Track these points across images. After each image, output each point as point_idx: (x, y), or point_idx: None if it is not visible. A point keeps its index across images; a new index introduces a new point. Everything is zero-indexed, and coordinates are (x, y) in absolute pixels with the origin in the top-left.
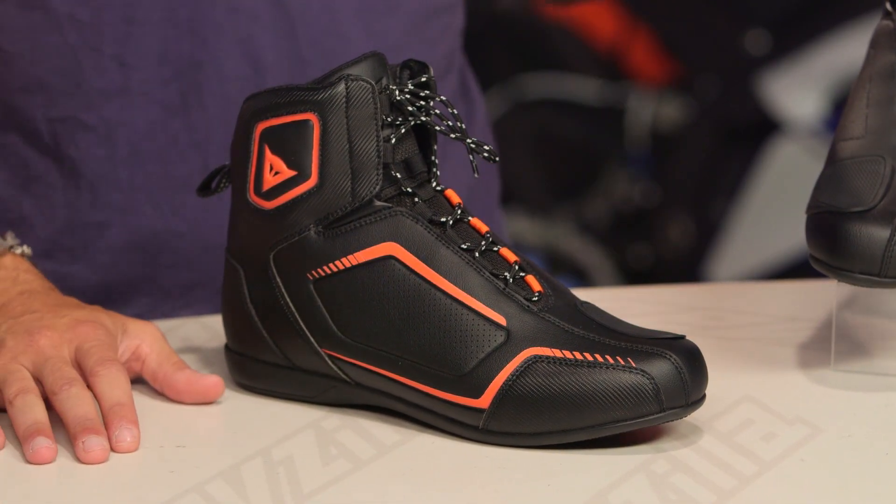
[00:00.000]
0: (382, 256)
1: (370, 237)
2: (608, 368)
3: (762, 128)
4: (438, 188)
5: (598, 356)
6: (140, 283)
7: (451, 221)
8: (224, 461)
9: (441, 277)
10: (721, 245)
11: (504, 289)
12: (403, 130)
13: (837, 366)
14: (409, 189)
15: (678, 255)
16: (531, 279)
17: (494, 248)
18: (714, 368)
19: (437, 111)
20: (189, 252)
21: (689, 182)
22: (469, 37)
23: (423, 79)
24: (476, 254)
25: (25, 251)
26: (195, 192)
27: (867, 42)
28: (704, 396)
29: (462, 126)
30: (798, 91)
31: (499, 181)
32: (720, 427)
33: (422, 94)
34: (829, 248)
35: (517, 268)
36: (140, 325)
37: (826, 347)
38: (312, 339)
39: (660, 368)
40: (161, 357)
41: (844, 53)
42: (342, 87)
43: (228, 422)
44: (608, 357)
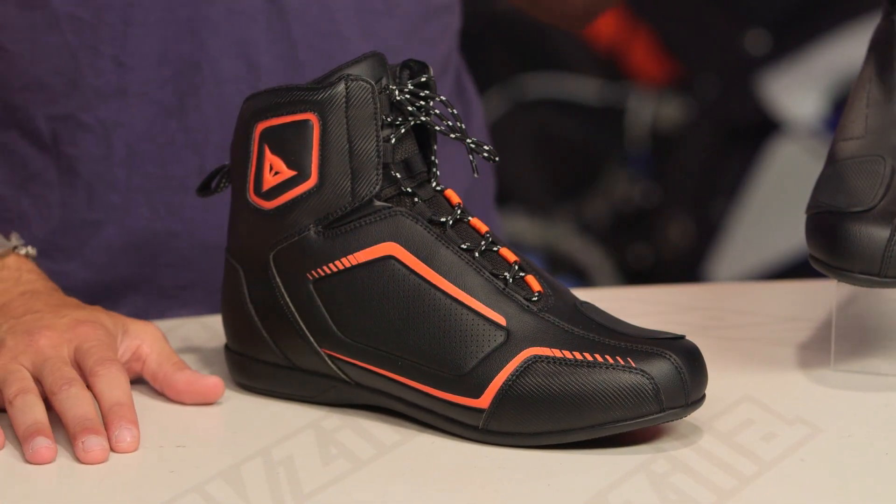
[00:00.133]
0: (382, 256)
1: (370, 237)
2: (608, 368)
3: (762, 128)
4: (438, 188)
5: (598, 356)
6: (136, 283)
7: (451, 221)
8: (224, 461)
9: (441, 277)
10: (721, 245)
11: (504, 289)
12: (403, 130)
13: (837, 366)
14: (409, 189)
15: (678, 255)
16: (531, 279)
17: (494, 248)
18: (714, 368)
19: (437, 111)
20: (185, 252)
21: (689, 182)
22: (469, 37)
23: (423, 79)
24: (476, 254)
25: (30, 251)
26: (195, 192)
27: (867, 42)
28: (704, 396)
29: (462, 126)
30: (798, 91)
31: (494, 181)
32: (720, 427)
33: (422, 94)
34: (829, 248)
35: (517, 268)
36: (140, 326)
37: (826, 347)
38: (312, 339)
39: (660, 368)
40: (161, 357)
41: (844, 53)
42: (342, 87)
43: (228, 422)
44: (608, 357)
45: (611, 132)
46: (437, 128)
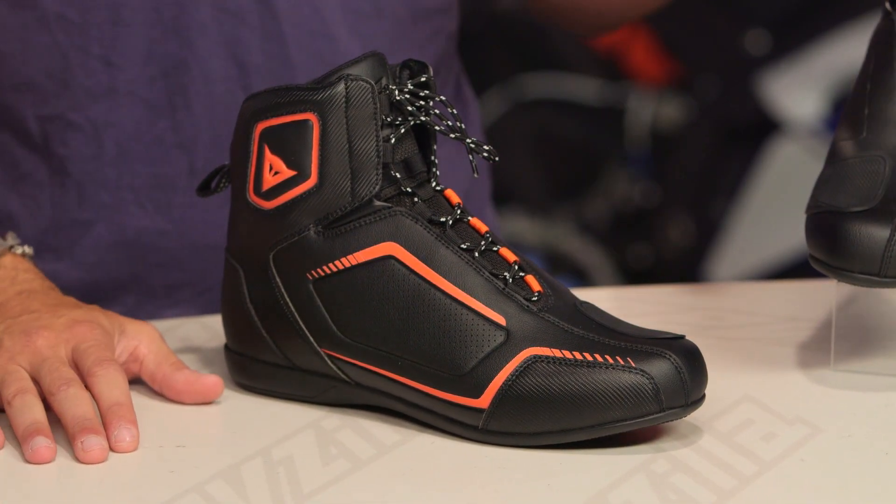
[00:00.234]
0: (382, 256)
1: (370, 237)
2: (608, 368)
3: (762, 128)
4: (438, 188)
5: (598, 356)
6: (126, 282)
7: (451, 221)
8: (224, 461)
9: (441, 277)
10: (721, 245)
11: (504, 289)
12: (403, 130)
13: (837, 366)
14: (409, 189)
15: (678, 255)
16: (531, 279)
17: (494, 248)
18: (714, 368)
19: (437, 111)
20: (175, 252)
21: (689, 182)
22: (468, 37)
23: (423, 79)
24: (476, 254)
25: (27, 251)
26: (195, 192)
27: (867, 42)
28: (704, 396)
29: (461, 126)
30: (798, 91)
31: (490, 182)
32: (720, 427)
33: (421, 94)
34: (829, 248)
35: (517, 268)
36: (138, 326)
37: (826, 347)
38: (312, 339)
39: (659, 368)
40: (159, 358)
41: (844, 53)
42: (342, 87)
43: (228, 422)
44: (608, 357)
45: (611, 132)
46: (437, 128)
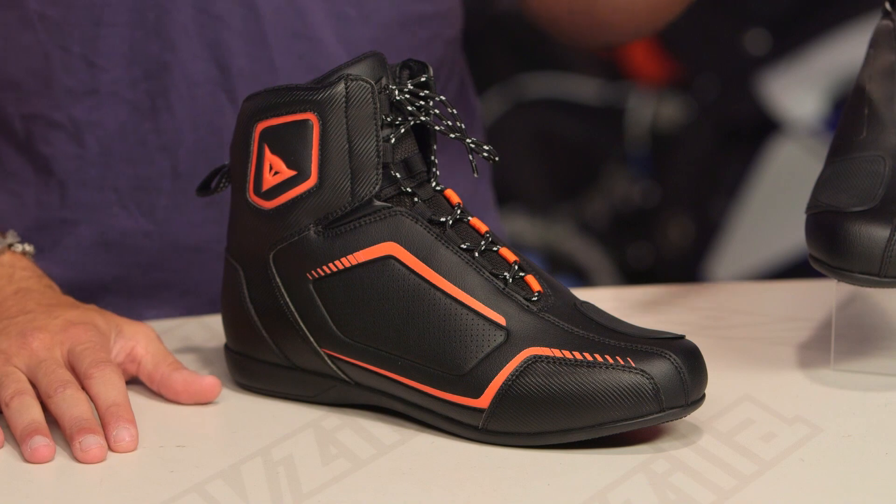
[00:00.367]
0: (382, 256)
1: (370, 237)
2: (608, 368)
3: (762, 128)
4: (438, 188)
5: (598, 356)
6: (109, 283)
7: (451, 221)
8: (224, 461)
9: (441, 277)
10: (721, 245)
11: (504, 289)
12: (403, 130)
13: (837, 366)
14: (409, 189)
15: (678, 255)
16: (531, 279)
17: (494, 248)
18: (714, 368)
19: (437, 111)
20: (158, 253)
21: (689, 182)
22: (469, 37)
23: (423, 79)
24: (476, 253)
25: (27, 249)
26: (195, 192)
27: (867, 42)
28: (704, 396)
29: (461, 126)
30: (798, 91)
31: (491, 187)
32: (720, 427)
33: (421, 94)
34: (829, 248)
35: (517, 268)
36: (135, 326)
37: (826, 347)
38: (312, 339)
39: (659, 368)
40: (157, 358)
41: (844, 53)
42: (342, 87)
43: (228, 422)
44: (608, 357)
45: (611, 132)
46: (437, 128)
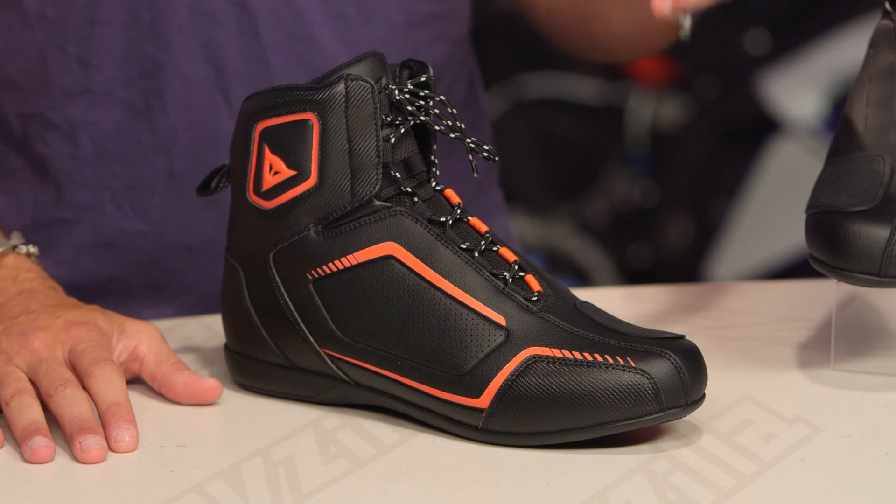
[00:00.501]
0: (382, 256)
1: (370, 237)
2: (608, 368)
3: (762, 128)
4: (438, 188)
5: (598, 356)
6: (105, 282)
7: (451, 221)
8: (224, 461)
9: (440, 277)
10: (721, 245)
11: (503, 288)
12: (403, 130)
13: (837, 366)
14: (409, 189)
15: (678, 255)
16: (531, 279)
17: (494, 248)
18: (714, 368)
19: (437, 111)
20: (154, 252)
21: (689, 182)
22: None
23: (423, 78)
24: (475, 253)
25: (31, 250)
26: (195, 192)
27: (867, 42)
28: (704, 396)
29: (462, 126)
30: (798, 91)
31: (499, 189)
32: (720, 427)
33: (421, 94)
34: (829, 248)
35: (516, 267)
36: (138, 326)
37: (826, 347)
38: (312, 339)
39: (659, 368)
40: (160, 357)
41: (844, 53)
42: (342, 87)
43: (228, 422)
44: (608, 357)
45: (611, 132)
46: (437, 127)
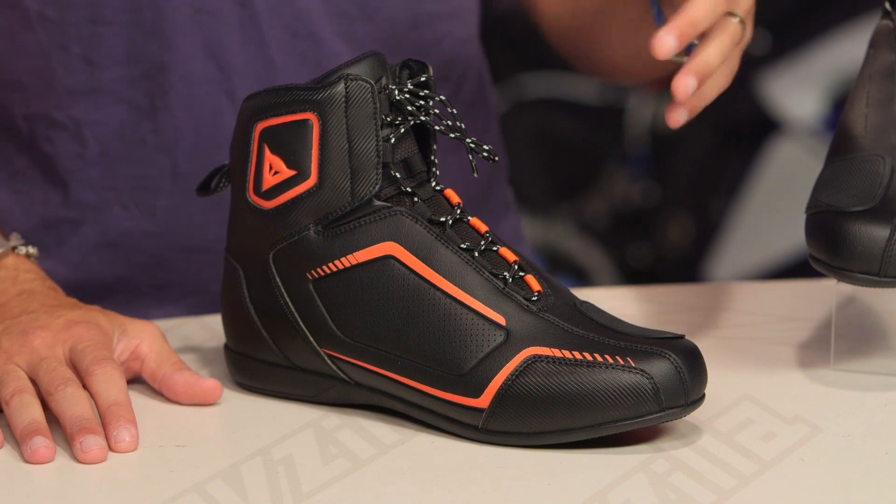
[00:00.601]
0: (382, 256)
1: (369, 237)
2: (607, 368)
3: (762, 128)
4: (438, 188)
5: (598, 356)
6: (112, 283)
7: (451, 221)
8: (224, 461)
9: (440, 277)
10: (721, 245)
11: (503, 288)
12: (403, 130)
13: (837, 365)
14: (409, 189)
15: (678, 255)
16: (530, 279)
17: (494, 248)
18: (714, 368)
19: (437, 111)
20: (160, 253)
21: (689, 182)
22: None
23: (423, 78)
24: (475, 253)
25: (31, 251)
26: (195, 192)
27: (867, 42)
28: (704, 396)
29: (461, 126)
30: (798, 91)
31: (509, 186)
32: (720, 427)
33: (421, 94)
34: (829, 248)
35: (516, 267)
36: (139, 325)
37: (826, 347)
38: (312, 339)
39: (659, 368)
40: (161, 357)
41: (844, 53)
42: (341, 87)
43: (228, 421)
44: (607, 357)
45: (611, 132)
46: (437, 127)
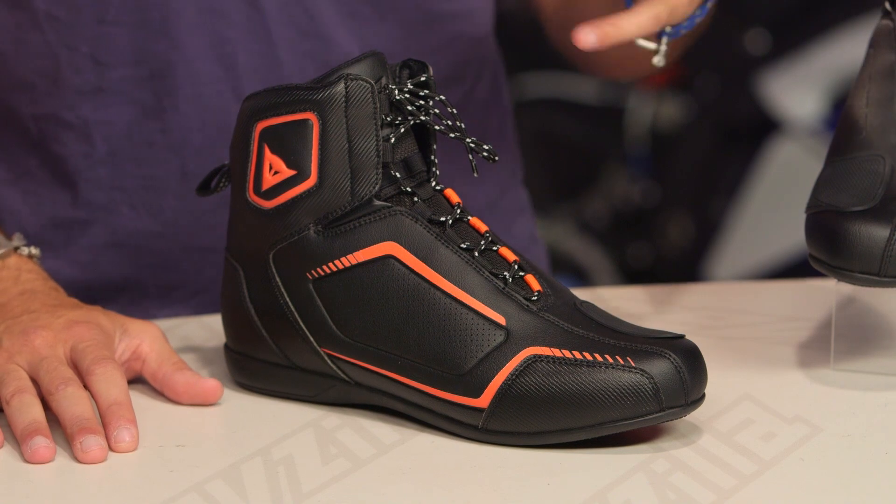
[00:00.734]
0: (382, 256)
1: (369, 236)
2: (607, 368)
3: (762, 127)
4: (438, 188)
5: (598, 355)
6: (119, 283)
7: (451, 221)
8: (224, 461)
9: (440, 277)
10: (720, 244)
11: (503, 288)
12: (403, 130)
13: (837, 365)
14: (409, 188)
15: (678, 255)
16: (530, 278)
17: (494, 248)
18: (714, 368)
19: (437, 111)
20: (168, 253)
21: (689, 181)
22: None
23: (423, 78)
24: (475, 253)
25: (33, 252)
26: (195, 192)
27: (867, 42)
28: (704, 396)
29: (461, 125)
30: (798, 91)
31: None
32: (720, 427)
33: (421, 94)
34: (829, 248)
35: (516, 267)
36: (140, 325)
37: (826, 347)
38: (312, 339)
39: (659, 368)
40: (161, 357)
41: (844, 53)
42: (341, 87)
43: (228, 421)
44: (607, 356)
45: (611, 132)
46: (437, 127)
